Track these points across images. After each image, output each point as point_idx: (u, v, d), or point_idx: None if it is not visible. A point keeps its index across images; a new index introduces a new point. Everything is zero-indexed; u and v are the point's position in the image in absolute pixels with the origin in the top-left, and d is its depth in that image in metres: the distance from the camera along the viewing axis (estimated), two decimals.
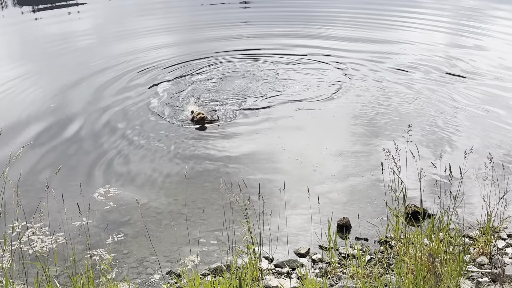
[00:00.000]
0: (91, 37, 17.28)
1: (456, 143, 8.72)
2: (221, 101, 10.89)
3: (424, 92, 11.13)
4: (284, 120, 9.98)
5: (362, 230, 6.71)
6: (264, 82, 12.10)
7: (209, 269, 5.87)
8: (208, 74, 12.72)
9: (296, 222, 6.86)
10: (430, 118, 9.81)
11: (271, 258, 6.25)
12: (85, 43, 16.38)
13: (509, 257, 6.06)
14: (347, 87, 11.61)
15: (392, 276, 5.34)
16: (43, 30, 18.98)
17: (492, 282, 5.39)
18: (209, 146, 8.98)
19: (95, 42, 16.68)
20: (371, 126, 9.57)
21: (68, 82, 12.23)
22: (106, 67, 13.33)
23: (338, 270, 5.93)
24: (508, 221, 6.55)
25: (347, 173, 8.01)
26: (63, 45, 15.99)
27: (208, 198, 7.40)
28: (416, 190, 6.09)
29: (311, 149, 8.83)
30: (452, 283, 4.67)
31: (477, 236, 6.25)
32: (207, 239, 6.48)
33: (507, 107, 10.19)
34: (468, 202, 6.56)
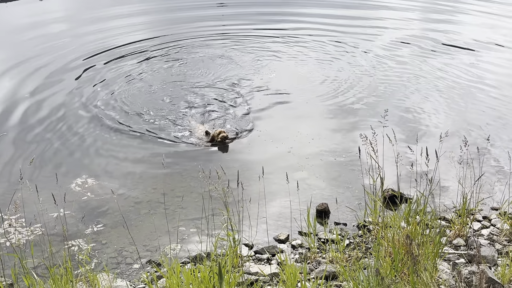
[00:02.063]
0: (64, 23, 16.87)
1: (432, 126, 8.83)
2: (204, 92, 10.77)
3: (402, 74, 11.20)
4: (261, 105, 9.94)
5: (341, 215, 6.76)
6: (238, 66, 12.00)
7: (189, 257, 5.87)
8: (179, 58, 12.57)
9: (275, 208, 6.89)
10: (406, 101, 9.90)
11: (251, 245, 6.27)
12: (57, 29, 15.96)
13: (485, 239, 6.18)
14: (324, 71, 11.61)
15: (370, 260, 5.41)
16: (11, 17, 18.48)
17: (468, 263, 5.49)
18: (186, 134, 8.92)
19: (69, 27, 16.22)
20: (349, 111, 9.61)
21: (41, 71, 11.96)
22: (76, 53, 12.95)
23: (317, 255, 5.98)
24: (483, 203, 6.68)
25: (325, 159, 8.06)
26: (33, 32, 15.56)
27: (186, 187, 7.37)
28: (393, 174, 6.14)
29: (289, 135, 8.84)
30: (429, 265, 4.74)
31: (453, 219, 6.35)
32: (187, 228, 6.47)
33: (482, 90, 10.32)
34: (444, 185, 6.67)
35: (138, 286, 5.48)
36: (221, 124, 9.31)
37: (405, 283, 4.52)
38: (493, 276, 4.84)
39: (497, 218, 6.50)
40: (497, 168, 7.52)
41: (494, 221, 6.49)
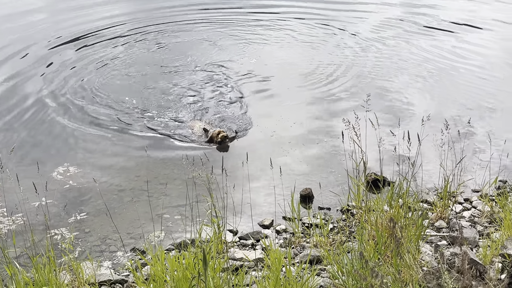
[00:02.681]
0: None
1: (414, 109, 8.87)
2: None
3: (385, 58, 11.18)
4: (244, 91, 9.87)
5: (325, 199, 6.79)
6: (221, 50, 11.84)
7: (174, 244, 5.85)
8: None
9: (259, 194, 6.89)
10: (389, 85, 9.91)
11: (236, 231, 6.28)
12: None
13: (466, 220, 6.26)
14: (309, 54, 11.54)
15: (354, 243, 5.45)
16: None
17: (450, 245, 5.56)
18: (168, 120, 8.84)
19: (43, 16, 15.81)
20: (332, 95, 9.60)
21: (19, 58, 11.70)
22: (56, 38, 12.69)
23: (301, 240, 6.01)
24: (464, 185, 6.76)
25: (308, 144, 8.07)
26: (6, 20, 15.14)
27: (170, 174, 7.33)
28: (376, 159, 6.17)
29: (272, 120, 8.83)
30: (412, 247, 4.80)
31: (435, 201, 6.43)
32: (171, 215, 6.45)
33: (463, 73, 10.38)
34: (426, 169, 6.72)
35: (123, 273, 5.46)
36: (210, 119, 8.99)
37: (389, 265, 4.57)
38: (474, 257, 4.91)
39: (478, 200, 6.59)
40: (478, 151, 7.61)
41: (476, 203, 6.58)
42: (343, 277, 4.58)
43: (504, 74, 10.29)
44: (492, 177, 6.68)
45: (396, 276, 4.04)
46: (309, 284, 4.62)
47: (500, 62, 10.85)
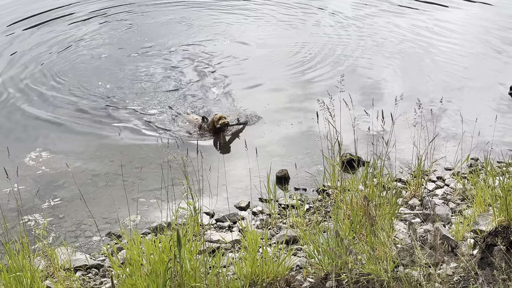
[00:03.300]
0: None
1: (388, 89, 8.92)
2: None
3: (359, 37, 11.18)
4: (221, 72, 9.79)
5: (300, 180, 6.83)
6: (197, 30, 11.64)
7: (150, 228, 5.83)
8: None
9: (235, 176, 6.89)
10: (363, 65, 9.94)
11: (212, 213, 6.28)
12: None
13: (439, 198, 6.37)
14: (285, 33, 11.46)
15: (330, 223, 5.51)
16: None
17: (423, 222, 5.66)
18: (141, 104, 8.73)
19: None
20: (307, 76, 9.59)
21: None
22: (14, 18, 12.21)
23: (278, 221, 6.05)
24: (437, 164, 6.86)
25: (284, 125, 8.07)
26: None
27: (145, 157, 7.27)
28: (350, 139, 6.22)
29: (246, 100, 8.79)
30: (386, 225, 4.86)
31: (409, 180, 6.52)
32: (147, 199, 6.41)
33: (437, 52, 10.45)
34: (400, 148, 6.79)
35: (99, 258, 5.43)
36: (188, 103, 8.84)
37: (364, 243, 4.63)
38: (447, 233, 5.01)
39: (451, 178, 6.70)
40: (450, 129, 7.72)
41: (448, 181, 6.70)
42: (319, 256, 4.63)
43: (477, 51, 10.38)
44: (464, 155, 6.79)
45: (371, 254, 4.09)
46: (285, 264, 4.66)
47: (472, 40, 10.94)
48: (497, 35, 11.02)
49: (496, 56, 10.13)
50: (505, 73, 9.21)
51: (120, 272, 4.48)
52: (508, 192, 4.73)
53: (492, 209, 5.09)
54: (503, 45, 10.55)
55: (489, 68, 9.72)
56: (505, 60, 9.93)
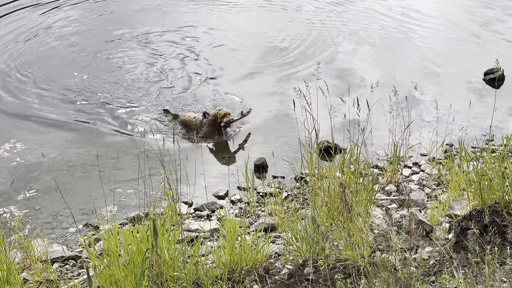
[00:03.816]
0: None
1: (364, 76, 8.93)
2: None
3: (336, 23, 11.10)
4: (195, 58, 9.69)
5: (279, 168, 6.85)
6: (174, 16, 11.39)
7: (128, 218, 5.80)
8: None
9: (213, 165, 6.89)
10: (340, 52, 9.90)
11: (190, 202, 6.27)
12: None
13: (415, 184, 6.46)
14: (265, 19, 11.35)
15: (308, 210, 5.54)
16: None
17: (400, 208, 5.74)
18: (116, 92, 8.62)
19: None
20: (283, 63, 9.53)
21: None
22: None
23: (256, 209, 6.07)
24: (413, 150, 6.95)
25: (261, 114, 8.05)
26: None
27: (121, 147, 7.21)
28: (327, 126, 6.24)
29: (224, 88, 8.75)
30: (362, 211, 4.91)
31: (385, 166, 6.59)
32: (124, 189, 6.36)
33: (413, 37, 10.46)
34: (376, 135, 6.85)
35: (76, 250, 5.39)
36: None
37: (341, 229, 4.67)
38: (423, 218, 5.09)
39: (426, 164, 6.79)
40: (425, 116, 7.80)
41: (424, 167, 6.79)
42: (297, 243, 4.67)
43: (454, 36, 10.45)
44: (439, 141, 6.88)
45: (347, 240, 4.14)
46: (264, 251, 4.68)
47: (449, 24, 10.95)
48: (474, 19, 11.09)
49: (471, 41, 10.21)
50: (480, 59, 9.31)
51: (98, 263, 4.45)
52: (482, 177, 4.81)
53: (467, 194, 5.18)
54: (479, 29, 10.63)
55: (464, 53, 9.81)
56: (480, 45, 10.02)
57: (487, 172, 4.88)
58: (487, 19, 11.11)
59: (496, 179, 4.64)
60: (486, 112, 7.37)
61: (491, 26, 10.79)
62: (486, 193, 4.68)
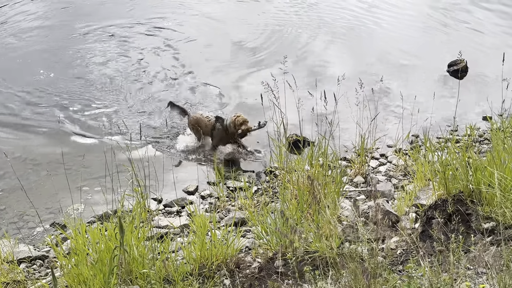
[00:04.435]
0: None
1: (331, 69, 8.98)
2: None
3: (302, 18, 11.09)
4: (162, 52, 9.58)
5: (248, 163, 6.86)
6: (144, 7, 11.28)
7: (96, 216, 5.72)
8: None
9: (182, 160, 6.85)
10: (307, 45, 9.93)
11: (160, 198, 6.23)
12: None
13: (382, 175, 6.56)
14: (234, 11, 11.31)
15: (277, 204, 5.56)
16: None
17: (368, 199, 5.82)
18: (83, 90, 8.46)
19: None
20: (252, 56, 9.51)
21: None
22: None
23: (227, 204, 6.07)
24: (380, 141, 7.04)
25: (229, 108, 8.02)
26: None
27: (88, 144, 7.09)
28: (295, 120, 6.27)
29: (188, 83, 8.67)
30: (331, 203, 4.96)
31: (353, 158, 6.66)
32: (91, 187, 6.27)
33: (379, 31, 10.57)
34: (344, 127, 6.92)
35: (43, 249, 5.29)
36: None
37: (310, 222, 4.71)
38: (390, 208, 5.16)
39: (393, 155, 6.90)
40: (391, 107, 7.90)
41: (391, 158, 6.89)
42: (267, 237, 4.68)
43: (419, 27, 10.56)
44: (405, 132, 6.99)
45: (316, 232, 4.17)
46: (234, 246, 4.69)
47: (415, 15, 11.09)
48: (440, 10, 11.24)
49: (438, 31, 10.36)
50: (445, 50, 9.45)
51: (66, 262, 4.39)
52: (446, 167, 4.91)
53: (432, 184, 5.28)
54: (445, 19, 10.79)
55: (430, 44, 9.94)
56: (446, 35, 10.19)
57: (452, 162, 4.98)
58: (453, 8, 11.28)
59: (460, 169, 4.74)
60: (450, 103, 7.52)
61: (457, 15, 10.96)
62: (451, 182, 4.79)
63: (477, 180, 4.44)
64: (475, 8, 11.25)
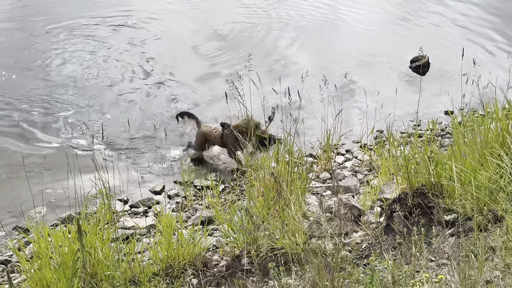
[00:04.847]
0: None
1: (296, 66, 8.98)
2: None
3: (270, 11, 11.07)
4: (126, 53, 9.45)
5: (215, 161, 6.83)
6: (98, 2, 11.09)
7: (59, 219, 5.62)
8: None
9: (147, 160, 6.77)
10: (272, 41, 9.91)
11: (126, 199, 6.15)
12: None
13: (348, 170, 6.62)
14: (197, 8, 11.19)
15: (245, 201, 5.56)
16: None
17: (334, 194, 5.87)
18: (39, 91, 8.27)
19: None
20: (217, 53, 9.45)
21: None
22: None
23: (194, 203, 6.04)
24: (345, 137, 7.11)
25: (195, 106, 7.97)
26: None
27: (49, 147, 6.92)
28: (261, 117, 6.28)
29: (154, 79, 8.57)
30: (297, 199, 4.98)
31: (319, 154, 6.71)
32: (54, 189, 6.14)
33: (343, 27, 10.60)
34: (309, 124, 6.92)
35: (6, 254, 5.17)
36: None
37: (277, 218, 4.73)
38: (356, 203, 5.23)
39: (358, 151, 6.97)
40: (356, 103, 7.96)
41: (356, 153, 6.97)
42: (234, 235, 4.68)
43: (383, 23, 10.66)
44: (369, 128, 7.07)
45: (280, 229, 4.19)
46: (201, 245, 4.67)
47: (379, 11, 11.14)
48: (404, 5, 11.36)
49: (401, 28, 10.45)
50: (407, 46, 9.56)
51: (28, 266, 4.30)
52: (409, 161, 4.99)
53: (396, 178, 5.37)
54: (408, 16, 10.93)
55: (393, 40, 10.02)
56: (407, 32, 10.30)
57: (414, 156, 5.07)
58: (418, 3, 11.45)
59: (422, 163, 4.83)
60: (413, 99, 7.64)
61: (421, 10, 11.11)
62: (413, 176, 4.87)
63: (438, 174, 4.54)
64: (438, 2, 11.43)
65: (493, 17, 10.73)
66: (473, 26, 10.41)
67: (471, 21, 10.62)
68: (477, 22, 10.58)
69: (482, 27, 10.32)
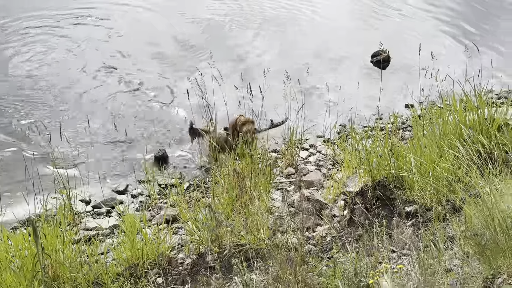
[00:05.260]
0: None
1: (258, 62, 8.91)
2: None
3: (234, 9, 10.97)
4: (90, 49, 9.22)
5: (179, 159, 6.78)
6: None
7: (20, 222, 5.48)
8: None
9: (109, 159, 6.67)
10: (235, 38, 9.83)
11: (88, 200, 6.05)
12: None
13: (312, 165, 6.67)
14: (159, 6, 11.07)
15: (209, 199, 5.54)
16: None
17: (298, 189, 5.90)
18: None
19: None
20: (180, 51, 9.33)
21: None
22: None
23: (158, 201, 5.98)
24: (309, 132, 7.16)
25: (157, 105, 7.88)
26: None
27: (7, 149, 6.71)
28: (224, 114, 6.26)
29: (115, 79, 8.44)
30: (261, 194, 4.99)
31: (283, 150, 6.74)
32: (13, 192, 5.97)
33: (306, 22, 10.63)
34: (272, 119, 6.95)
35: None
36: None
37: (242, 214, 4.72)
38: (320, 197, 5.27)
39: (322, 145, 7.03)
40: (319, 98, 8.03)
41: (320, 148, 7.02)
42: (199, 232, 4.66)
43: (346, 19, 10.73)
44: (333, 122, 7.13)
45: (243, 225, 4.19)
46: (166, 243, 4.63)
47: (343, 6, 11.21)
48: (367, 2, 11.50)
49: (368, 21, 10.54)
50: (369, 41, 9.65)
51: None
52: (370, 154, 5.06)
53: (358, 171, 5.43)
54: (371, 12, 11.03)
55: (358, 34, 10.09)
56: (374, 25, 10.40)
57: (375, 149, 5.14)
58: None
59: (384, 155, 4.89)
60: (375, 93, 7.74)
61: (390, 2, 11.23)
62: (375, 169, 4.94)
63: (399, 166, 4.61)
64: None
65: (452, 12, 10.94)
66: (439, 18, 10.55)
67: (433, 14, 10.78)
68: (439, 15, 10.74)
69: (442, 22, 10.50)
